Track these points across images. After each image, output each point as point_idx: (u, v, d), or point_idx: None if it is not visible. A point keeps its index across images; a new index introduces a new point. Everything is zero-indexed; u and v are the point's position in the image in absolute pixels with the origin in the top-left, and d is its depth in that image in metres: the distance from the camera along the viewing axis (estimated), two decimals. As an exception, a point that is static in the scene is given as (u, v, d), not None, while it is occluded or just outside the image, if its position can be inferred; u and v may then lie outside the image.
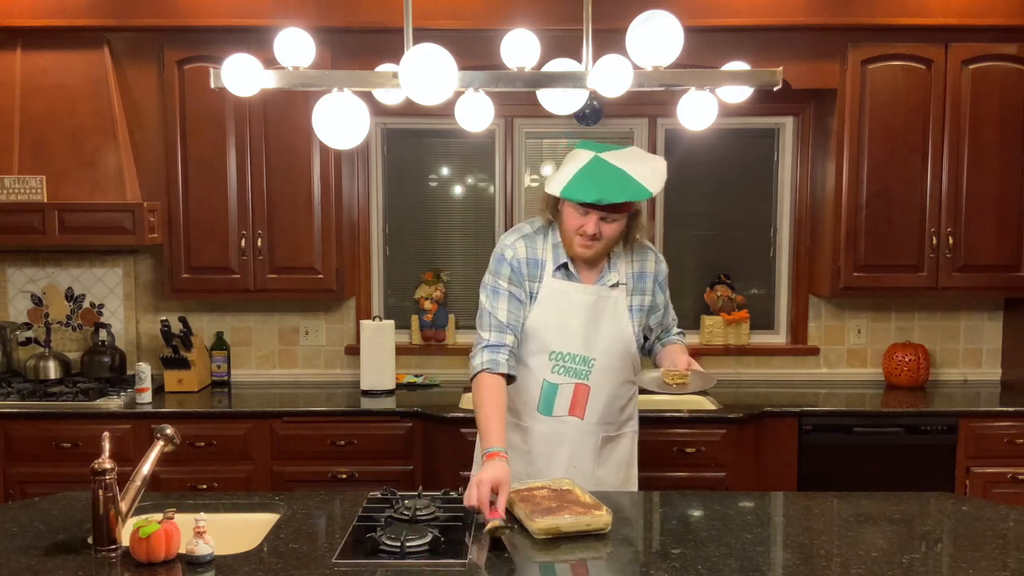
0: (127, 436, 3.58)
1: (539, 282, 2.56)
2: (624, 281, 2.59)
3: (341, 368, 4.27)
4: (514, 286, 2.55)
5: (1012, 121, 3.85)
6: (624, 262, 2.60)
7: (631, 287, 2.60)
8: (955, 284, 3.94)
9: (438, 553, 1.99)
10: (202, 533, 1.97)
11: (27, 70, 3.79)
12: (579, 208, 2.44)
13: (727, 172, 4.35)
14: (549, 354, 2.56)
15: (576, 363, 2.56)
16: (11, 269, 4.20)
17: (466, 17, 3.72)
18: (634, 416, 2.73)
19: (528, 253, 2.57)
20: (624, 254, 2.61)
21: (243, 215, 3.87)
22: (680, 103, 2.35)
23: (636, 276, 2.61)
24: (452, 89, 2.02)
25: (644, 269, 2.63)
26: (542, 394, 2.58)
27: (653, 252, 2.68)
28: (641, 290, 2.61)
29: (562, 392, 2.57)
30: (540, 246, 2.58)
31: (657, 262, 2.67)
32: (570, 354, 2.56)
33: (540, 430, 2.61)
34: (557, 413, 2.59)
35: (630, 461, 2.73)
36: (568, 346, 2.55)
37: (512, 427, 2.61)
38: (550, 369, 2.57)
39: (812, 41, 3.85)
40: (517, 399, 2.62)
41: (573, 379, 2.56)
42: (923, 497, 2.51)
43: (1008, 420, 3.70)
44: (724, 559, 1.99)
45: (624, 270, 2.60)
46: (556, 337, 2.55)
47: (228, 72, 2.15)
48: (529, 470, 2.62)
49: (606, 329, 2.56)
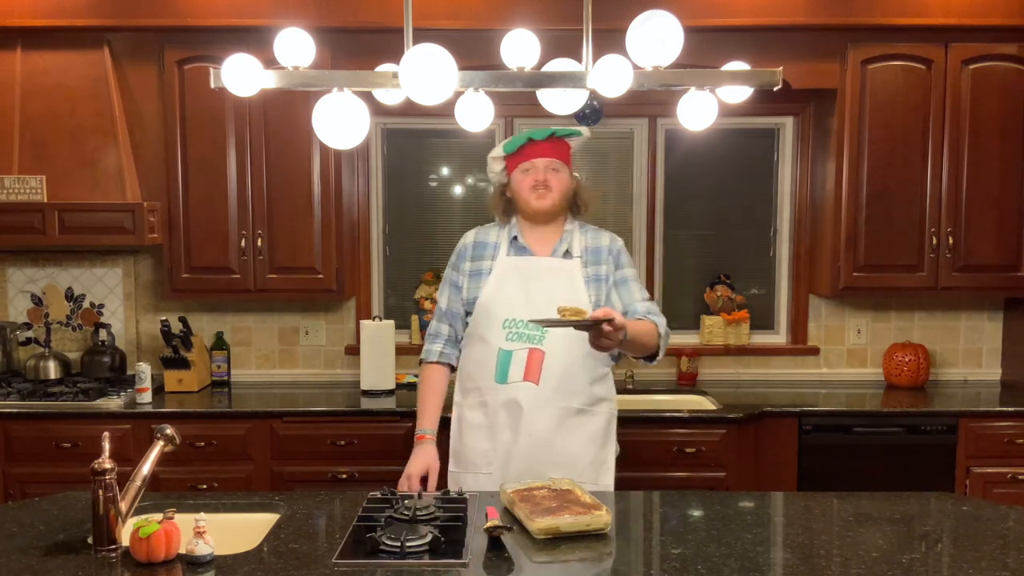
0: (127, 436, 3.58)
1: (492, 260, 2.73)
2: (579, 254, 2.72)
3: (341, 368, 4.27)
4: (454, 271, 2.81)
5: (1012, 121, 3.85)
6: (578, 239, 2.76)
7: (586, 259, 2.72)
8: (955, 284, 3.94)
9: (438, 553, 1.99)
10: (202, 533, 1.97)
11: (27, 70, 3.79)
12: (524, 166, 2.71)
13: (727, 172, 4.35)
14: (503, 322, 2.65)
15: (529, 328, 2.63)
16: (11, 269, 4.20)
17: (466, 17, 3.72)
18: (609, 399, 2.74)
19: (478, 237, 2.83)
20: (579, 232, 2.77)
21: (243, 215, 3.87)
22: (680, 103, 2.35)
23: (591, 251, 2.75)
24: (452, 89, 2.02)
25: (599, 244, 2.77)
26: (498, 362, 2.64)
27: (608, 234, 2.83)
28: (596, 261, 2.73)
29: (516, 358, 2.63)
30: (494, 232, 2.83)
31: (612, 240, 2.80)
32: (522, 320, 2.63)
33: (499, 399, 2.65)
34: (512, 379, 2.63)
35: (604, 442, 2.71)
36: (521, 313, 2.63)
37: (475, 405, 2.71)
38: (504, 337, 2.64)
39: (812, 41, 3.85)
40: (478, 374, 2.70)
41: (527, 344, 2.62)
42: (923, 497, 2.51)
43: (1008, 420, 3.70)
44: (724, 559, 1.99)
45: (578, 245, 2.74)
46: (508, 306, 2.66)
47: (228, 72, 2.15)
48: (493, 444, 2.66)
49: (560, 297, 2.59)
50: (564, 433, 2.64)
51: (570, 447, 2.65)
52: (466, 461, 2.74)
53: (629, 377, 4.11)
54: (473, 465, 2.70)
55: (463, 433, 2.74)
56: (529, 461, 2.62)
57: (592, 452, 2.68)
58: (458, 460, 2.77)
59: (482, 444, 2.69)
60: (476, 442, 2.70)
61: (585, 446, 2.67)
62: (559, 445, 2.63)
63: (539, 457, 2.62)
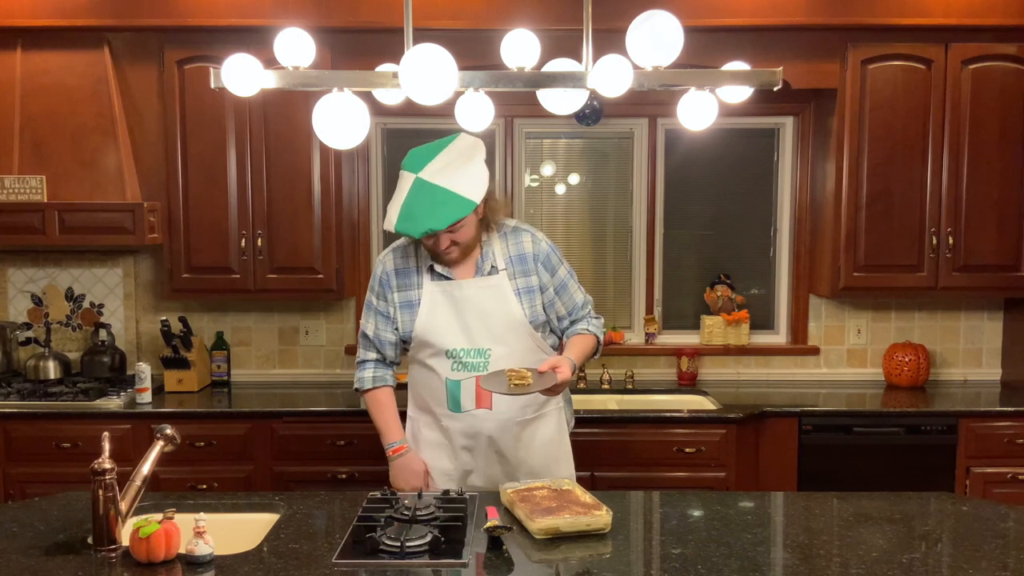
0: (127, 436, 3.58)
1: (419, 288, 2.62)
2: (503, 266, 2.61)
3: (341, 368, 4.27)
4: (380, 300, 2.67)
5: (1012, 121, 3.85)
6: (499, 247, 2.63)
7: (512, 271, 2.61)
8: (955, 284, 3.94)
9: (438, 553, 1.99)
10: (202, 533, 1.97)
11: (27, 70, 3.79)
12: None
13: (727, 172, 4.35)
14: (446, 352, 2.59)
15: (472, 357, 2.58)
16: (11, 269, 4.20)
17: (466, 17, 3.72)
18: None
19: (398, 264, 2.65)
20: (499, 239, 2.64)
21: (243, 215, 3.87)
22: (680, 103, 2.35)
23: (516, 260, 2.62)
24: (452, 89, 2.02)
25: (522, 251, 2.63)
26: (447, 393, 2.61)
27: (529, 233, 2.67)
28: (524, 272, 2.62)
29: (465, 388, 2.59)
30: (413, 254, 2.65)
31: (535, 242, 2.65)
32: (464, 349, 2.58)
33: (457, 427, 2.63)
34: (466, 408, 2.60)
35: (558, 439, 2.71)
36: (460, 342, 2.58)
37: (431, 425, 2.68)
38: (450, 367, 2.60)
39: (812, 41, 3.85)
40: (431, 400, 2.66)
41: (472, 372, 2.58)
42: (923, 497, 2.51)
43: (1008, 420, 3.70)
44: (724, 559, 1.99)
45: (501, 255, 2.62)
46: (447, 336, 2.58)
47: (228, 72, 2.15)
48: (456, 463, 2.66)
49: (495, 318, 2.57)
50: (523, 445, 2.65)
51: (530, 457, 2.65)
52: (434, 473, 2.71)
53: (629, 377, 4.11)
54: (433, 481, 2.68)
55: (420, 450, 2.71)
56: (490, 477, 2.66)
57: (551, 451, 2.69)
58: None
59: (443, 463, 2.67)
60: (437, 461, 2.68)
61: (544, 449, 2.68)
62: (521, 456, 2.64)
63: (499, 471, 2.65)
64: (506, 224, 2.67)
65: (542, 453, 2.68)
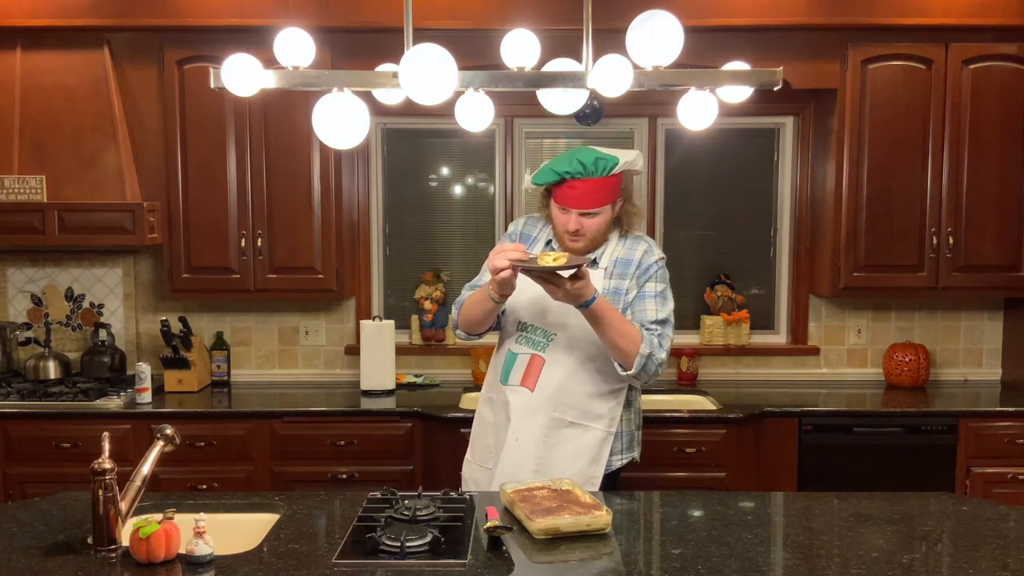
0: (127, 436, 3.58)
1: None
2: (605, 265, 2.65)
3: (341, 368, 4.27)
4: None
5: (1012, 121, 3.85)
6: (612, 249, 2.68)
7: (611, 271, 2.64)
8: (955, 284, 3.94)
9: (438, 553, 1.99)
10: (202, 533, 1.97)
11: (27, 70, 3.79)
12: (560, 206, 2.59)
13: (727, 172, 4.35)
14: (518, 324, 2.66)
15: (537, 335, 2.64)
16: (11, 269, 4.20)
17: (466, 17, 3.72)
18: (609, 416, 2.63)
19: (527, 229, 2.78)
20: (617, 242, 2.69)
21: (243, 215, 3.87)
22: (680, 103, 2.35)
23: (620, 262, 2.65)
24: (452, 89, 2.02)
25: (631, 257, 2.65)
26: (504, 363, 2.67)
27: (648, 244, 2.69)
28: (621, 275, 2.64)
29: (519, 362, 2.64)
30: (539, 226, 2.77)
31: (647, 253, 2.65)
32: (533, 326, 2.65)
33: (500, 400, 2.68)
34: (511, 382, 2.64)
35: (593, 459, 2.62)
36: (534, 319, 2.65)
37: (486, 400, 2.76)
38: (515, 340, 2.67)
39: (812, 41, 3.85)
40: (492, 372, 2.75)
41: (531, 350, 2.63)
42: (923, 497, 2.52)
43: (1008, 420, 3.70)
44: (724, 559, 1.99)
45: (610, 255, 2.67)
46: (526, 310, 2.65)
47: (228, 72, 2.15)
48: (495, 440, 2.69)
49: (572, 308, 2.53)
50: (551, 443, 2.61)
51: (555, 458, 2.61)
52: (475, 453, 2.80)
53: (629, 377, 4.11)
54: (480, 458, 2.75)
55: (476, 425, 2.81)
56: (514, 466, 2.62)
57: (579, 466, 2.61)
58: (472, 450, 2.82)
59: (488, 439, 2.73)
60: (484, 436, 2.75)
61: (571, 459, 2.61)
62: (543, 454, 2.61)
63: (522, 463, 2.61)
64: (633, 231, 2.71)
65: (570, 463, 2.60)
